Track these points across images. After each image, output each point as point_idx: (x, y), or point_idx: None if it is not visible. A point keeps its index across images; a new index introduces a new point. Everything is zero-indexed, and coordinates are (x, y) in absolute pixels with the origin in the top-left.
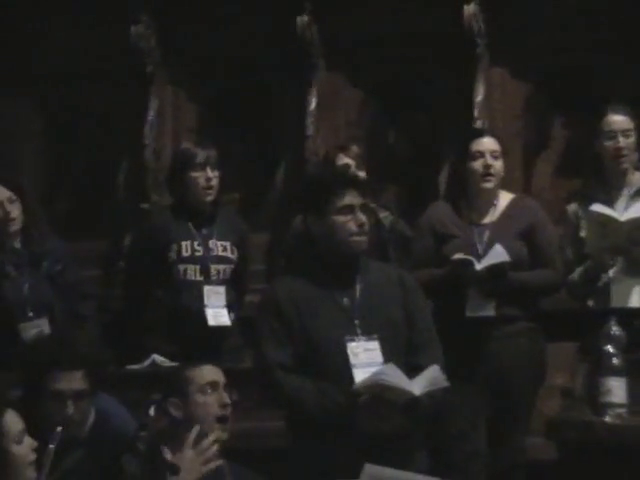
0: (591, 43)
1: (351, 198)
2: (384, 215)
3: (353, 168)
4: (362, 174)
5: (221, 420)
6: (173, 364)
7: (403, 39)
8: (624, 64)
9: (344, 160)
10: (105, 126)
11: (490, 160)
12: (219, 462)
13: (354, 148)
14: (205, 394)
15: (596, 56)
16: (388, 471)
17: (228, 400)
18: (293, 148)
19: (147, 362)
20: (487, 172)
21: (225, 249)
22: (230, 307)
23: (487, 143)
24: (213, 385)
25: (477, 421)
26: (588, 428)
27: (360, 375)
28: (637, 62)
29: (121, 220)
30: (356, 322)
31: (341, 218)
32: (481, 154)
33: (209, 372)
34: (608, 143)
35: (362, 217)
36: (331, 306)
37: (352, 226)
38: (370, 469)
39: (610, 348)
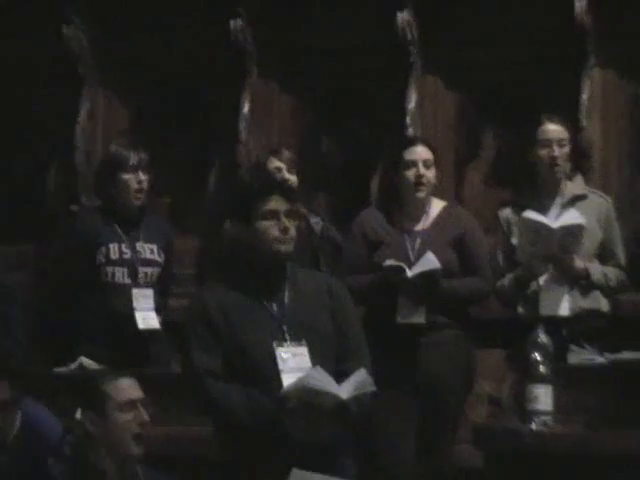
0: (525, 57)
1: (275, 203)
2: (315, 221)
3: (284, 172)
4: (293, 178)
5: (138, 437)
6: (101, 367)
7: (338, 46)
8: (556, 79)
9: (275, 164)
10: (37, 128)
11: (422, 169)
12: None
13: (285, 152)
14: (123, 413)
15: (529, 69)
16: (315, 477)
17: (147, 418)
18: (226, 153)
19: (74, 365)
20: (419, 181)
21: (152, 252)
22: (158, 310)
23: (420, 152)
24: (132, 403)
25: (406, 429)
26: (515, 436)
27: (289, 380)
28: (570, 76)
29: (51, 223)
30: (284, 328)
31: (264, 223)
32: (414, 163)
33: (127, 389)
34: (543, 152)
35: (286, 223)
36: (259, 312)
37: (275, 232)
38: (297, 474)
39: (537, 356)
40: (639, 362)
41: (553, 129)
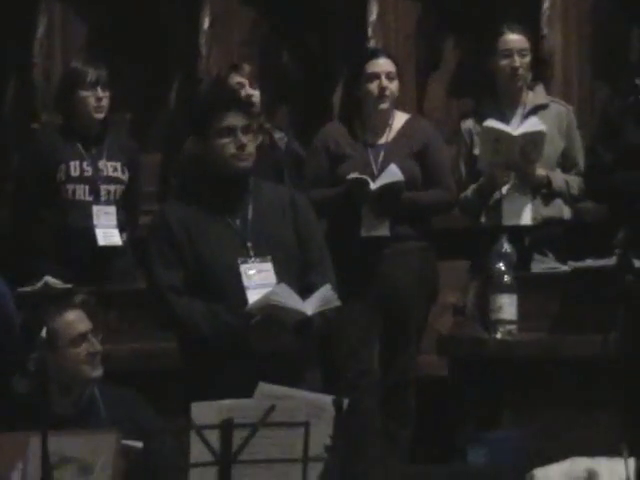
0: None
1: (232, 119)
2: (279, 136)
3: (246, 87)
4: (255, 93)
5: (92, 363)
6: (66, 285)
7: None
8: None
9: (237, 79)
10: None
11: (385, 82)
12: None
13: (246, 67)
14: (75, 347)
15: None
16: (281, 389)
17: (98, 347)
18: (186, 67)
19: (39, 284)
20: (382, 94)
21: (115, 169)
22: (122, 228)
23: (383, 64)
24: (82, 336)
25: (369, 339)
26: (479, 345)
27: (253, 296)
28: None
29: (9, 140)
30: (249, 244)
31: (221, 140)
32: (377, 75)
33: (76, 323)
34: (504, 62)
35: (243, 139)
36: (222, 228)
37: (231, 148)
38: (264, 388)
39: (501, 266)
40: (601, 269)
41: (514, 39)
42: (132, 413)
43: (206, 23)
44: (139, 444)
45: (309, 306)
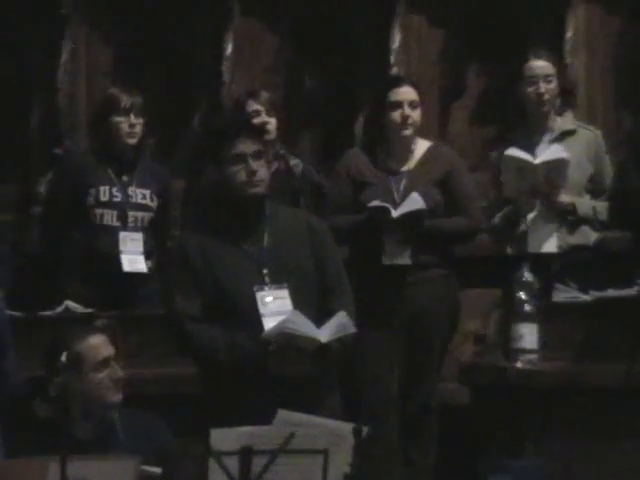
0: None
1: (242, 146)
2: (295, 162)
3: (262, 114)
4: (272, 120)
5: (114, 389)
6: (87, 310)
7: None
8: (541, 15)
9: (254, 107)
10: (19, 69)
11: (408, 110)
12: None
13: (264, 93)
14: (99, 372)
15: (514, 4)
16: (301, 416)
17: (121, 373)
18: (210, 94)
19: (60, 308)
20: (405, 122)
21: (144, 197)
22: (148, 254)
23: (405, 93)
24: (105, 362)
25: (390, 367)
26: (500, 373)
27: (270, 324)
28: (555, 12)
29: (34, 165)
30: (265, 271)
31: (233, 167)
32: (399, 104)
33: (100, 348)
34: (530, 89)
35: (254, 165)
36: (239, 255)
37: (242, 175)
38: (283, 415)
39: (522, 294)
40: (622, 299)
41: (539, 65)
42: (152, 438)
43: (229, 49)
44: (158, 470)
45: (324, 333)
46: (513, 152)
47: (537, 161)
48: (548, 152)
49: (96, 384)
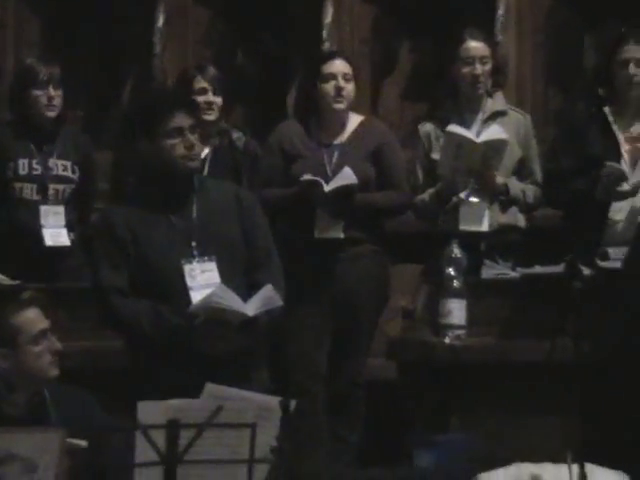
0: None
1: (180, 120)
2: (237, 136)
3: (209, 93)
4: (217, 100)
5: (53, 363)
6: (14, 282)
7: None
8: None
9: (201, 84)
10: None
11: (342, 82)
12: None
13: (211, 69)
14: (37, 344)
15: None
16: (228, 390)
17: (58, 345)
18: (140, 65)
19: None
20: (339, 94)
21: (65, 168)
22: (71, 227)
23: (339, 65)
24: (42, 334)
25: (319, 341)
26: (427, 349)
27: (197, 297)
28: None
29: None
30: (193, 244)
31: (169, 142)
32: (333, 76)
33: (37, 320)
34: (465, 69)
35: (192, 139)
36: (167, 228)
37: (180, 148)
38: (211, 388)
39: (451, 271)
40: (549, 276)
41: (475, 46)
42: (81, 412)
43: (160, 21)
44: (84, 443)
45: (250, 307)
46: (455, 129)
47: (479, 140)
48: (489, 131)
49: (34, 357)
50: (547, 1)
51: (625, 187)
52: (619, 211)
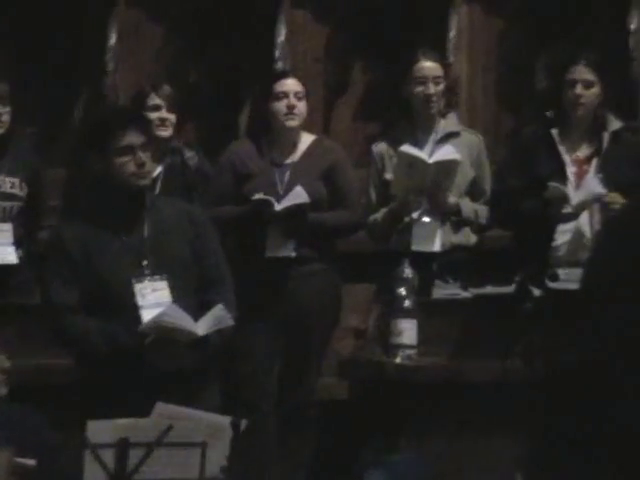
0: None
1: (131, 138)
2: (189, 155)
3: (163, 110)
4: (171, 117)
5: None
6: None
7: None
8: (426, 14)
9: (155, 101)
10: None
11: (294, 100)
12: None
13: (165, 88)
14: None
15: (398, 3)
16: (179, 409)
17: (7, 364)
18: (92, 83)
19: None
20: (291, 112)
21: (13, 185)
22: (19, 244)
23: (291, 84)
24: None
25: (271, 360)
26: (378, 368)
27: (148, 316)
28: (438, 11)
29: None
30: (144, 262)
31: (121, 159)
32: (285, 94)
33: None
34: (418, 89)
35: (143, 157)
36: (119, 246)
37: (131, 167)
38: (161, 407)
39: (402, 290)
40: (500, 296)
41: (429, 66)
42: (28, 430)
43: (113, 39)
44: (32, 462)
45: (201, 326)
46: (407, 149)
47: (431, 160)
48: (441, 152)
49: None
50: (498, 24)
51: (568, 209)
52: (564, 233)
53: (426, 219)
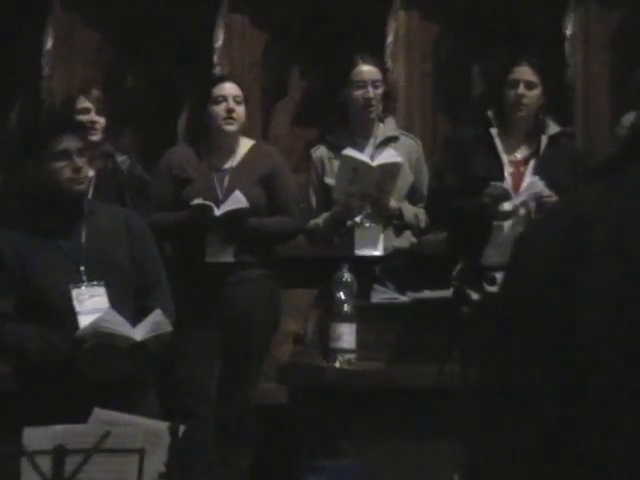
0: None
1: (67, 143)
2: (121, 159)
3: (92, 113)
4: (101, 120)
5: None
6: None
7: None
8: (364, 19)
9: (84, 104)
10: None
11: (232, 104)
12: None
13: (95, 91)
14: None
15: (336, 8)
16: (117, 415)
17: None
18: (29, 88)
19: None
20: (229, 116)
21: None
22: None
23: (229, 88)
24: None
25: (210, 366)
26: (317, 373)
27: (86, 322)
28: (373, 17)
29: None
30: (82, 268)
31: (57, 164)
32: (224, 98)
33: None
34: (357, 93)
35: (79, 162)
36: (55, 252)
37: (67, 172)
38: (99, 414)
39: (341, 295)
40: (437, 300)
41: (368, 70)
42: None
43: (49, 43)
44: None
45: (139, 332)
46: (351, 152)
47: (374, 163)
48: (384, 155)
49: None
50: (435, 31)
51: (506, 207)
52: (501, 236)
53: (368, 223)
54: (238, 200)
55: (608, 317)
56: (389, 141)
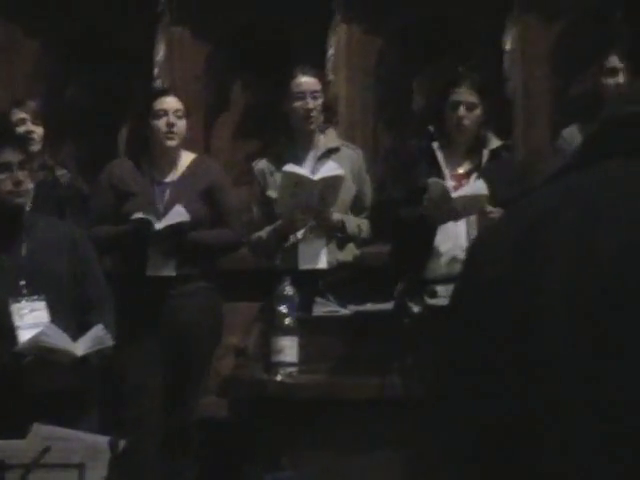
0: (277, 8)
1: (8, 156)
2: (61, 173)
3: (28, 123)
4: (38, 130)
5: None
6: None
7: None
8: (306, 32)
9: (19, 115)
10: None
11: (173, 119)
12: None
13: (30, 103)
14: None
15: (279, 20)
16: (57, 430)
17: None
18: None
19: None
20: (170, 130)
21: None
22: None
23: (170, 102)
24: None
25: (153, 378)
26: (259, 386)
27: (26, 336)
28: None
29: None
30: (22, 282)
31: None
32: (164, 112)
33: None
34: (297, 104)
35: (19, 175)
36: None
37: (8, 185)
38: (38, 429)
39: (283, 308)
40: (379, 313)
41: (306, 81)
42: None
43: None
44: None
45: (80, 346)
46: (292, 168)
47: (316, 177)
48: (325, 168)
49: None
50: (376, 44)
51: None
52: (442, 245)
53: (312, 237)
54: (179, 214)
55: (567, 317)
56: (330, 152)
